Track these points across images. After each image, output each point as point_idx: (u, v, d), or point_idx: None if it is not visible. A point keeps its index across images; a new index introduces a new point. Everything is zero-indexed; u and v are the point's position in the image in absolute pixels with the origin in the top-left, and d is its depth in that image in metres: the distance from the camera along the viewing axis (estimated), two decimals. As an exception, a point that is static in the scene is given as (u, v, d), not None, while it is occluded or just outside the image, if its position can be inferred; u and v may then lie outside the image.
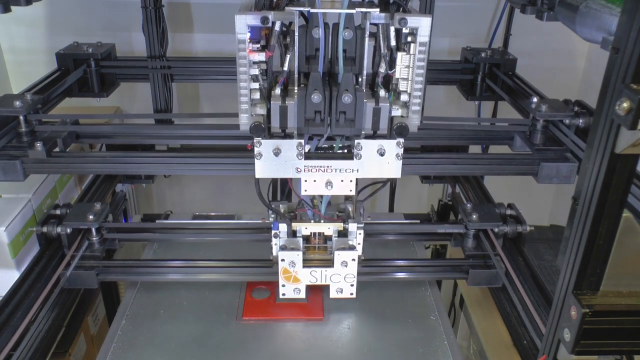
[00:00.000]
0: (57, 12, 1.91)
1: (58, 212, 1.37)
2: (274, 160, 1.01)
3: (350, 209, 1.21)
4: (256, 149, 1.01)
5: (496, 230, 1.35)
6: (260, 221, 1.44)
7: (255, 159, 1.02)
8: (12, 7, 1.24)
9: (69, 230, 1.31)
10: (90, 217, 1.32)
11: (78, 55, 1.63)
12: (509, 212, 1.41)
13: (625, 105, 0.61)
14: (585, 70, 2.06)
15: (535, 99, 1.32)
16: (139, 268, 1.34)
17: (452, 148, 1.60)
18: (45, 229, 1.31)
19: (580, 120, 1.30)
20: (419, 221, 1.66)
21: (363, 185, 1.22)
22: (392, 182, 2.02)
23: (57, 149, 1.27)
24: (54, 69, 1.61)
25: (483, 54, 1.70)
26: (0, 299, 1.16)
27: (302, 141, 1.01)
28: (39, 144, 1.21)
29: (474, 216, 1.34)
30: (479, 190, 1.56)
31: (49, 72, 1.58)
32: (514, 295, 1.22)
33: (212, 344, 1.19)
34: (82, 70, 1.62)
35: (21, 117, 1.26)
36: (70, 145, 1.32)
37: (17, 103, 1.24)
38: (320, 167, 1.04)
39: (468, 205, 1.39)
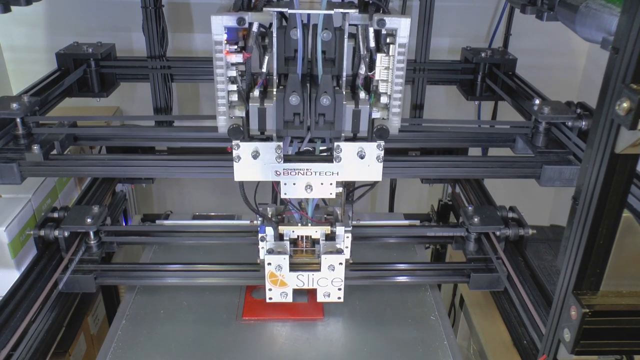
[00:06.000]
0: (57, 12, 1.91)
1: (56, 215, 1.35)
2: (252, 163, 1.00)
3: (338, 212, 1.19)
4: (234, 152, 0.99)
5: (498, 233, 1.33)
6: (249, 223, 1.43)
7: (234, 162, 1.00)
8: (12, 7, 1.24)
9: (66, 234, 1.28)
10: (88, 220, 1.30)
11: (78, 55, 1.63)
12: (510, 214, 1.39)
13: (625, 105, 0.61)
14: (585, 70, 2.06)
15: (537, 101, 1.31)
16: (138, 272, 1.32)
17: (453, 150, 1.60)
18: (42, 232, 1.29)
19: (583, 123, 1.29)
20: (419, 221, 1.66)
21: (352, 187, 1.22)
22: (392, 182, 2.02)
23: (54, 152, 1.26)
24: (54, 69, 1.61)
25: (483, 54, 1.70)
26: (0, 299, 1.16)
27: (281, 144, 1.00)
28: (36, 147, 1.19)
29: (476, 219, 1.33)
30: (479, 190, 1.56)
31: (49, 72, 1.58)
32: (516, 299, 1.21)
33: (212, 344, 1.19)
34: (82, 70, 1.62)
35: (18, 120, 1.25)
36: (68, 147, 1.31)
37: (14, 105, 1.23)
38: (300, 170, 1.02)
39: (469, 208, 1.38)
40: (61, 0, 1.89)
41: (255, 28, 0.93)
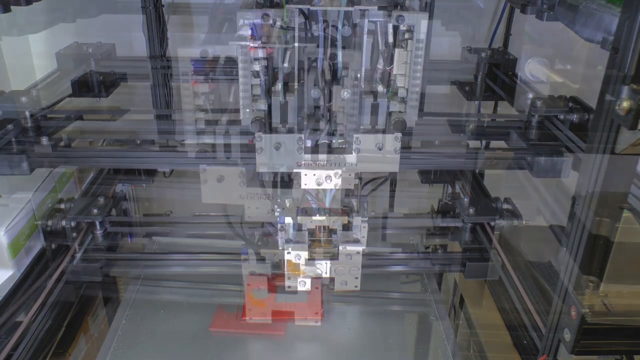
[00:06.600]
0: (57, 12, 1.91)
1: (62, 206, 1.40)
2: (274, 154, 1.04)
3: (354, 203, 1.22)
4: (257, 144, 1.03)
5: (492, 224, 1.36)
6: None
7: (256, 154, 1.04)
8: (12, 7, 1.24)
9: (73, 224, 1.33)
10: (94, 210, 1.34)
11: (78, 55, 1.63)
12: (505, 206, 1.42)
13: (625, 105, 0.61)
14: (585, 70, 2.06)
15: (530, 95, 1.34)
16: (142, 261, 1.35)
17: (450, 145, 1.60)
18: (50, 223, 1.35)
19: (575, 116, 1.31)
20: (418, 221, 1.66)
21: (366, 180, 1.23)
22: (392, 183, 2.01)
23: (62, 144, 1.29)
24: (54, 69, 1.61)
25: (483, 54, 1.70)
26: (0, 299, 1.16)
27: (302, 136, 1.03)
28: (44, 139, 1.23)
29: (471, 210, 1.36)
30: (479, 190, 1.56)
31: (49, 72, 1.58)
32: (510, 288, 1.23)
33: (212, 344, 1.20)
34: (82, 70, 1.62)
35: (27, 113, 1.29)
36: (74, 140, 1.34)
37: (23, 99, 1.27)
38: (320, 161, 1.06)
39: (465, 199, 1.41)
40: (61, 0, 1.89)
41: (278, 24, 0.96)
